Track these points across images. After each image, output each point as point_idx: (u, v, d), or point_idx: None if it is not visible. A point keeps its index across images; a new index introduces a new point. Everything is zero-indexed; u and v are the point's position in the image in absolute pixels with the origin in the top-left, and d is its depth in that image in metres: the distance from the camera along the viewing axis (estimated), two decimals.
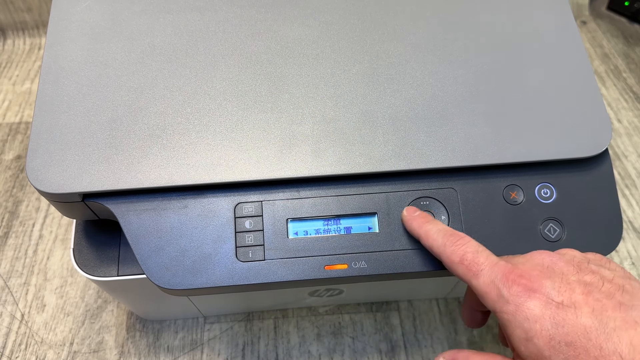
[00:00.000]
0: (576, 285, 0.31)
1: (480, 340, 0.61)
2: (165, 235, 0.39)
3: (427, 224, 0.38)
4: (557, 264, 0.33)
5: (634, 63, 0.89)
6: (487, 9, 0.47)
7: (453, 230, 0.37)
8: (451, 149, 0.41)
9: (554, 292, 0.31)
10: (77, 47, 0.44)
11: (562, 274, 0.32)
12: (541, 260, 0.33)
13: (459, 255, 0.35)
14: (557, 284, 0.31)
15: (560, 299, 0.31)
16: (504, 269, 0.33)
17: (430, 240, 0.37)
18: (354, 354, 0.60)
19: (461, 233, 0.36)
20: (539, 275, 0.32)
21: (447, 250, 0.35)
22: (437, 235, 0.37)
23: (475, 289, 0.34)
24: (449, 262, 0.35)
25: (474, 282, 0.34)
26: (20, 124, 0.80)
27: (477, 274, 0.33)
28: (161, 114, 0.41)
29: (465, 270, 0.34)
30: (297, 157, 0.40)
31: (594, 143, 0.41)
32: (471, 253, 0.34)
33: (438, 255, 0.36)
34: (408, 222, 0.39)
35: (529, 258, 0.34)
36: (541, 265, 0.33)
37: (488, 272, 0.33)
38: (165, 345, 0.61)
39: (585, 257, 0.34)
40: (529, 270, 0.32)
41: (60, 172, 0.39)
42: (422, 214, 0.39)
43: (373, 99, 0.43)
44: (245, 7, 0.47)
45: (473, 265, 0.34)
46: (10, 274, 0.65)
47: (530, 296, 0.31)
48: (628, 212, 0.71)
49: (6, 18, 0.90)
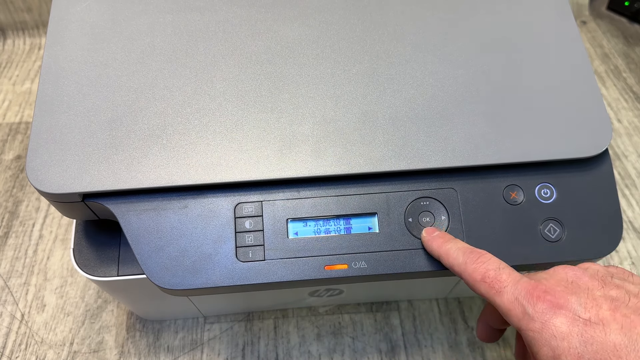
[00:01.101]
0: (602, 301, 0.30)
1: (480, 341, 0.61)
2: (165, 235, 0.39)
3: (446, 244, 0.38)
4: (581, 278, 0.32)
5: (634, 63, 0.89)
6: (487, 9, 0.47)
7: (473, 247, 0.36)
8: (451, 149, 0.41)
9: (580, 308, 0.30)
10: (77, 47, 0.44)
11: (588, 289, 0.31)
12: (565, 275, 0.33)
13: (480, 273, 0.34)
14: (583, 300, 0.31)
15: (587, 316, 0.30)
16: (528, 286, 0.32)
17: (451, 259, 0.37)
18: (354, 354, 0.60)
19: (481, 250, 0.36)
20: (564, 291, 0.31)
21: (469, 268, 0.35)
22: (457, 254, 0.36)
23: (498, 307, 0.33)
24: (470, 280, 0.35)
25: (497, 300, 0.33)
26: (20, 124, 0.80)
27: (500, 291, 0.33)
28: (161, 114, 0.41)
29: (487, 288, 0.34)
30: (297, 157, 0.40)
31: (594, 143, 0.41)
32: (493, 270, 0.34)
33: (459, 274, 0.36)
34: (427, 242, 0.39)
35: (552, 274, 0.33)
36: (565, 281, 0.32)
37: (511, 289, 0.32)
38: (165, 345, 0.61)
39: (608, 271, 0.34)
40: (553, 286, 0.32)
41: (60, 172, 0.39)
42: (441, 233, 0.39)
43: (373, 99, 0.43)
44: (245, 7, 0.47)
45: (495, 283, 0.33)
46: (10, 274, 0.65)
47: (556, 313, 0.30)
48: (628, 212, 0.71)
49: (6, 18, 0.90)
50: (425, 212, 0.41)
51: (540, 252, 0.40)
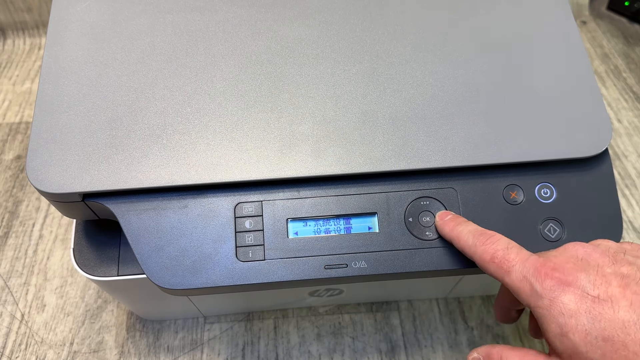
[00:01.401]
0: (612, 278, 0.30)
1: (480, 340, 0.61)
2: (165, 235, 0.39)
3: (458, 226, 0.38)
4: (591, 255, 0.32)
5: (634, 63, 0.89)
6: (487, 9, 0.47)
7: (483, 229, 0.36)
8: (451, 149, 0.41)
9: (589, 285, 0.30)
10: (77, 47, 0.44)
11: (598, 266, 0.31)
12: (575, 252, 0.33)
13: (489, 254, 0.34)
14: (592, 277, 0.30)
15: (596, 293, 0.29)
16: (536, 263, 0.32)
17: (462, 242, 0.37)
18: (354, 354, 0.60)
19: (491, 231, 0.36)
20: (573, 268, 0.31)
21: (478, 250, 0.35)
22: (467, 236, 0.36)
23: (508, 286, 0.33)
24: (480, 261, 0.35)
25: (507, 279, 0.33)
26: (20, 124, 0.80)
27: (509, 270, 0.33)
28: (161, 113, 0.42)
29: (496, 268, 0.33)
30: (297, 157, 0.40)
31: (594, 143, 0.41)
32: (502, 250, 0.34)
33: (470, 256, 0.36)
34: (440, 226, 0.39)
35: (562, 251, 0.33)
36: (575, 258, 0.32)
37: (519, 267, 0.32)
38: (165, 345, 0.61)
39: (621, 248, 0.33)
40: (562, 263, 0.31)
41: (60, 172, 0.39)
42: (453, 216, 0.39)
43: (373, 99, 0.43)
44: (245, 7, 0.47)
45: (504, 263, 0.33)
46: (10, 274, 0.65)
47: (565, 290, 0.30)
48: (628, 212, 0.71)
49: (6, 18, 0.90)
50: (425, 212, 0.41)
51: (540, 251, 0.40)
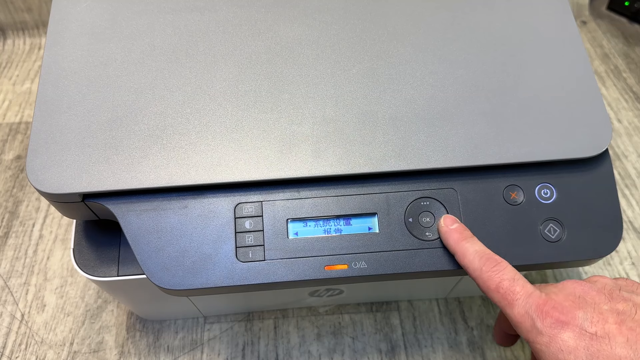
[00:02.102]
0: (609, 315, 0.31)
1: (480, 340, 0.61)
2: (165, 235, 0.39)
3: (464, 242, 0.38)
4: (588, 293, 0.33)
5: (634, 63, 0.89)
6: (487, 9, 0.47)
7: (490, 252, 0.37)
8: (451, 149, 0.41)
9: (587, 323, 0.31)
10: (77, 47, 0.44)
11: (595, 303, 0.33)
12: (573, 290, 0.34)
13: (495, 282, 0.35)
14: (590, 314, 0.32)
15: (593, 330, 0.31)
16: (538, 300, 0.33)
17: (467, 261, 0.37)
18: (354, 354, 0.60)
19: (498, 257, 0.36)
20: (572, 306, 0.32)
21: (484, 275, 0.36)
22: (474, 257, 0.37)
23: (509, 317, 0.34)
24: (484, 286, 0.36)
25: (509, 311, 0.34)
26: (20, 124, 0.80)
27: (512, 303, 0.34)
28: (161, 114, 0.41)
29: (500, 298, 0.34)
30: (297, 157, 0.40)
31: (594, 143, 0.41)
32: (507, 281, 0.35)
33: (473, 278, 0.37)
34: (444, 235, 0.39)
35: (561, 288, 0.34)
36: (573, 295, 0.33)
37: (523, 302, 0.33)
38: (165, 345, 0.61)
39: (616, 284, 0.35)
40: (561, 301, 0.33)
41: (60, 172, 0.39)
42: (459, 227, 0.39)
43: (373, 99, 0.43)
44: (245, 7, 0.47)
45: (509, 294, 0.34)
46: (10, 274, 0.65)
47: (564, 328, 0.31)
48: (628, 212, 0.71)
49: (6, 18, 0.90)
50: (425, 212, 0.41)
51: (540, 252, 0.40)
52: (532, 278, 0.66)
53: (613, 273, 0.66)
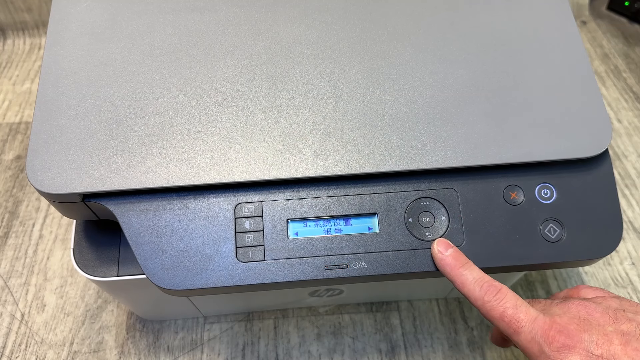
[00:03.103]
0: (614, 336, 0.32)
1: (480, 340, 0.61)
2: (165, 235, 0.39)
3: (461, 269, 0.38)
4: (593, 315, 0.34)
5: (634, 63, 0.89)
6: (487, 9, 0.47)
7: (489, 279, 0.37)
8: (451, 149, 0.41)
9: (592, 346, 0.32)
10: (77, 47, 0.44)
11: (599, 325, 0.33)
12: (577, 312, 0.34)
13: (498, 312, 0.35)
14: (595, 337, 0.32)
15: (599, 352, 0.31)
16: (544, 325, 0.34)
17: (466, 290, 0.37)
18: (354, 354, 0.60)
19: (497, 283, 0.36)
20: (577, 329, 0.33)
21: (487, 305, 0.36)
22: (473, 286, 0.37)
23: (516, 344, 0.35)
24: (488, 316, 0.36)
25: (515, 338, 0.35)
26: (20, 124, 0.80)
27: (518, 331, 0.34)
28: (161, 114, 0.41)
29: (506, 327, 0.35)
30: (297, 157, 0.40)
31: (594, 143, 0.41)
32: (511, 309, 0.35)
33: (476, 306, 0.37)
34: (439, 262, 0.39)
35: (565, 310, 0.35)
36: (578, 318, 0.34)
37: (528, 328, 0.34)
38: (165, 345, 0.61)
39: (620, 305, 0.35)
40: (566, 325, 0.33)
41: (60, 172, 0.39)
42: (455, 253, 0.39)
43: (373, 99, 0.43)
44: (245, 7, 0.47)
45: (513, 323, 0.35)
46: (10, 274, 0.65)
47: (571, 351, 0.32)
48: (628, 212, 0.71)
49: (6, 18, 0.90)
50: (425, 212, 0.41)
51: (540, 252, 0.40)
52: (532, 278, 0.66)
53: (613, 273, 0.66)
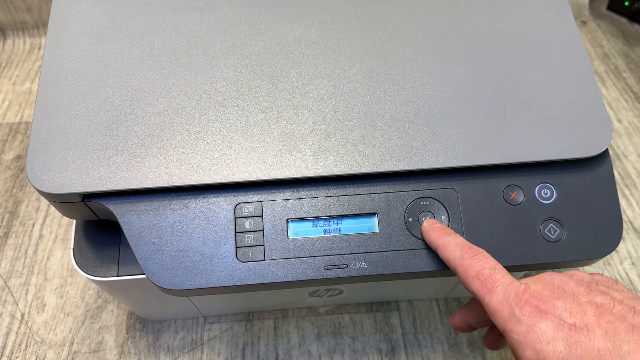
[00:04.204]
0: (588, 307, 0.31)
1: (480, 341, 0.61)
2: (165, 235, 0.39)
3: (446, 236, 0.38)
4: (567, 284, 0.33)
5: (634, 63, 0.89)
6: (487, 9, 0.47)
7: (471, 244, 0.37)
8: (451, 149, 0.41)
9: (565, 313, 0.31)
10: (77, 47, 0.44)
11: (573, 294, 0.32)
12: (551, 280, 0.34)
13: (475, 270, 0.35)
14: (569, 305, 0.31)
15: (572, 321, 0.31)
16: (517, 289, 0.33)
17: (448, 252, 0.37)
18: (354, 354, 0.60)
19: (479, 248, 0.36)
20: (551, 296, 0.32)
21: (465, 263, 0.35)
22: (455, 247, 0.37)
23: (486, 306, 0.34)
24: (464, 275, 0.35)
25: (487, 299, 0.34)
26: (20, 124, 0.80)
27: (492, 290, 0.34)
28: (161, 114, 0.41)
29: (479, 286, 0.34)
30: (297, 157, 0.40)
31: (594, 143, 0.41)
32: (488, 269, 0.34)
33: (454, 268, 0.36)
34: (427, 232, 0.39)
35: (538, 277, 0.34)
36: (552, 285, 0.33)
37: (502, 290, 0.33)
38: (165, 345, 0.61)
39: (593, 278, 0.34)
40: (540, 290, 0.33)
41: (60, 172, 0.39)
42: (442, 226, 0.39)
43: (373, 99, 0.43)
44: (245, 7, 0.47)
45: (488, 282, 0.34)
46: (10, 274, 0.65)
47: (542, 317, 0.31)
48: (628, 212, 0.71)
49: (6, 18, 0.90)
50: (425, 212, 0.41)
51: (540, 252, 0.40)
52: None
53: (613, 273, 0.66)
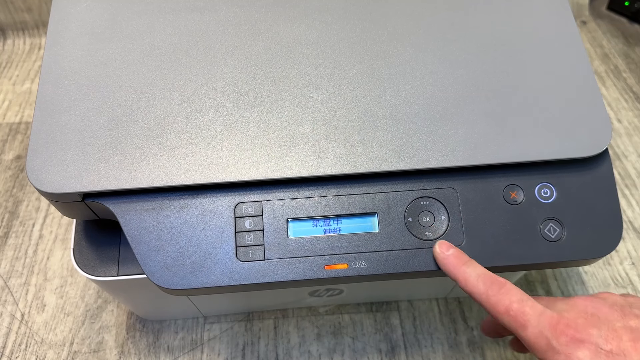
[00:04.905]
0: (623, 332, 0.32)
1: (480, 340, 0.61)
2: (165, 235, 0.39)
3: (463, 267, 0.37)
4: (601, 310, 0.34)
5: (634, 63, 0.89)
6: (487, 9, 0.47)
7: (492, 275, 0.37)
8: (451, 148, 0.41)
9: (601, 341, 0.32)
10: (77, 47, 0.44)
11: (608, 321, 0.33)
12: (585, 307, 0.34)
13: (504, 306, 0.35)
14: (604, 332, 0.32)
15: (609, 347, 0.31)
16: (551, 320, 0.33)
17: (470, 286, 0.37)
18: (354, 354, 0.60)
19: (501, 279, 0.36)
20: (585, 324, 0.33)
21: (491, 300, 0.35)
22: (477, 281, 0.36)
23: (522, 339, 0.34)
24: (493, 311, 0.35)
25: (522, 333, 0.34)
26: (20, 124, 0.80)
27: (525, 324, 0.34)
28: (161, 114, 0.41)
29: (511, 320, 0.34)
30: (297, 157, 0.40)
31: (594, 143, 0.41)
32: (516, 303, 0.34)
33: (480, 302, 0.36)
34: (441, 262, 0.39)
35: (572, 305, 0.35)
36: (585, 313, 0.34)
37: (535, 322, 0.34)
38: (165, 345, 0.61)
39: (626, 301, 0.35)
40: (575, 319, 0.33)
41: (60, 172, 0.39)
42: (456, 252, 0.39)
43: (373, 98, 0.43)
44: (245, 7, 0.47)
45: (519, 317, 0.34)
46: (10, 274, 0.65)
47: (579, 346, 0.32)
48: (628, 212, 0.71)
49: (6, 18, 0.90)
50: (425, 211, 0.41)
51: (540, 251, 0.40)
52: (532, 278, 0.66)
53: (613, 273, 0.66)
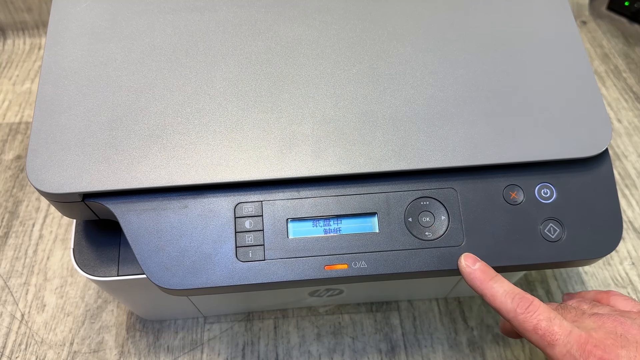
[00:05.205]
0: None
1: (480, 340, 0.61)
2: (165, 235, 0.39)
3: (490, 282, 0.37)
4: (629, 331, 0.34)
5: (634, 63, 0.89)
6: (487, 9, 0.47)
7: (520, 291, 0.37)
8: (451, 149, 0.41)
9: None
10: (77, 47, 0.44)
11: (637, 342, 0.33)
12: (614, 328, 0.34)
13: (532, 324, 0.35)
14: (633, 354, 0.32)
15: None
16: (579, 339, 0.33)
17: (498, 302, 0.37)
18: (354, 354, 0.60)
19: (529, 295, 0.36)
20: (614, 345, 0.33)
21: (519, 317, 0.36)
22: (505, 298, 0.36)
23: (550, 357, 0.35)
24: (521, 328, 0.36)
25: (549, 352, 0.34)
26: (20, 124, 0.80)
27: (553, 343, 0.34)
28: (161, 114, 0.41)
29: (539, 339, 0.35)
30: (297, 157, 0.40)
31: (594, 143, 0.41)
32: (544, 321, 0.35)
33: (507, 319, 0.37)
34: (468, 276, 0.39)
35: (600, 324, 0.35)
36: (614, 334, 0.34)
37: (563, 342, 0.34)
38: (165, 345, 0.61)
39: None
40: (603, 340, 0.33)
41: (60, 172, 0.39)
42: (482, 267, 0.38)
43: (373, 99, 0.43)
44: (245, 7, 0.47)
45: (547, 335, 0.34)
46: (10, 274, 0.65)
47: None
48: (628, 212, 0.71)
49: (6, 18, 0.90)
50: (425, 212, 0.41)
51: (540, 252, 0.40)
52: (532, 278, 0.66)
53: (613, 273, 0.66)
